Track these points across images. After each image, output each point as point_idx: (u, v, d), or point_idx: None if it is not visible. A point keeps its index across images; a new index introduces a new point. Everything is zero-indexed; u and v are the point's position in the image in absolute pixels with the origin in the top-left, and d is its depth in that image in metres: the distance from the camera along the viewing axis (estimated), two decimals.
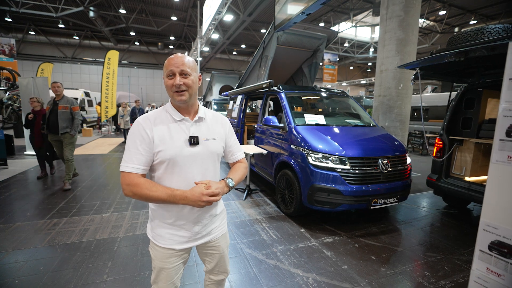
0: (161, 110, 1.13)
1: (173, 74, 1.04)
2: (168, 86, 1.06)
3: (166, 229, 1.14)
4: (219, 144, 1.20)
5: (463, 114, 3.41)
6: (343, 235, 2.91)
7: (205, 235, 1.20)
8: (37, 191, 4.14)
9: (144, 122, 1.06)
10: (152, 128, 1.05)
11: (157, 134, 1.04)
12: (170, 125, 1.08)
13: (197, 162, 1.10)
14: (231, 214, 3.41)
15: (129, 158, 1.03)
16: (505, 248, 1.04)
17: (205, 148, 1.12)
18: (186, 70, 1.05)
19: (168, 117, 1.10)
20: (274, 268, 2.26)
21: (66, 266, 2.21)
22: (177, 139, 1.07)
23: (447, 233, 3.03)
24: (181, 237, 1.15)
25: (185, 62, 1.05)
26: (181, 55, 1.07)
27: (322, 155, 2.93)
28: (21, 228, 2.86)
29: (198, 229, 1.17)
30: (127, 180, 1.01)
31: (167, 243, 1.14)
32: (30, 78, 6.59)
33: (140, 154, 1.03)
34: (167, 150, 1.04)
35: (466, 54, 2.13)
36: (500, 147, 1.02)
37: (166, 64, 1.06)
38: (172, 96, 1.07)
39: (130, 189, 1.00)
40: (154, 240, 1.16)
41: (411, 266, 2.36)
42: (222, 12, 8.43)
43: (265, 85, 4.15)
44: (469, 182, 3.15)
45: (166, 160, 1.05)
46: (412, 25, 5.59)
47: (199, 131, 1.12)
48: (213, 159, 1.17)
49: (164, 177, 1.08)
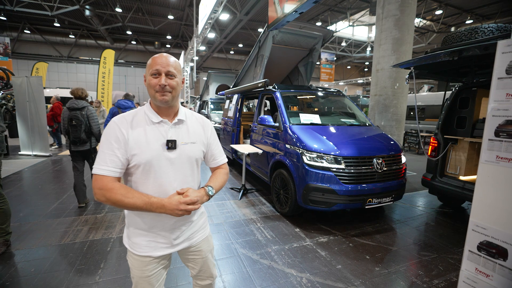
0: (139, 110, 1.08)
1: (159, 73, 1.00)
2: (152, 85, 1.01)
3: (142, 236, 1.09)
4: (199, 149, 1.14)
5: (458, 113, 3.42)
6: (338, 235, 2.91)
7: (184, 240, 1.16)
8: (31, 191, 4.09)
9: (121, 122, 1.01)
10: (128, 129, 1.00)
11: (133, 136, 1.00)
12: (147, 127, 1.03)
13: (174, 167, 1.05)
14: (226, 214, 3.39)
15: (102, 160, 0.97)
16: (494, 249, 1.04)
17: (183, 153, 1.07)
18: (172, 71, 1.02)
19: (145, 119, 1.04)
20: (268, 268, 2.25)
21: (58, 267, 2.19)
22: (154, 143, 1.02)
23: (442, 232, 3.05)
24: (159, 244, 1.10)
25: (171, 63, 1.02)
26: (167, 55, 1.04)
27: (317, 155, 2.92)
28: (13, 229, 2.81)
29: (176, 235, 1.12)
30: (100, 184, 0.94)
31: (144, 250, 1.09)
32: (24, 77, 6.52)
33: (115, 156, 0.97)
34: (142, 154, 0.99)
35: (459, 53, 2.13)
36: (489, 147, 1.02)
37: (151, 63, 1.02)
38: (153, 95, 1.02)
39: (103, 193, 0.94)
40: (131, 248, 1.10)
41: (405, 266, 2.36)
42: (218, 11, 8.39)
43: (260, 84, 4.13)
44: (463, 181, 3.16)
45: (141, 164, 1.00)
46: (408, 25, 5.60)
47: (177, 134, 1.07)
48: (192, 165, 1.12)
49: (139, 181, 1.03)
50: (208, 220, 3.20)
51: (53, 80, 21.03)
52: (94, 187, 0.96)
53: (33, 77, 6.51)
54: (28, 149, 6.74)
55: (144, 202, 0.95)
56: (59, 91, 12.25)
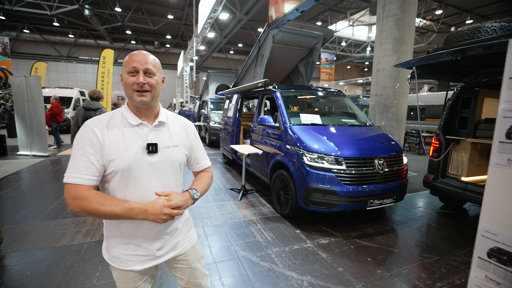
0: (116, 112, 1.00)
1: (136, 71, 0.93)
2: (129, 84, 0.93)
3: (122, 249, 1.00)
4: (182, 152, 1.07)
5: (460, 113, 3.39)
6: (339, 236, 2.87)
7: (169, 251, 1.08)
8: (28, 192, 4.05)
9: (95, 124, 0.93)
10: (104, 132, 0.92)
11: (109, 140, 0.91)
12: (125, 130, 0.95)
13: (156, 172, 0.98)
14: (226, 215, 3.36)
15: (75, 168, 0.87)
16: (505, 256, 1.00)
17: (165, 157, 1.00)
18: (151, 69, 0.95)
19: (123, 121, 0.96)
20: (268, 271, 2.22)
21: (54, 270, 2.15)
22: (133, 146, 0.94)
23: (444, 234, 3.01)
24: (141, 257, 1.01)
25: (150, 60, 0.96)
26: (145, 53, 0.97)
27: (318, 155, 2.89)
28: (10, 231, 2.79)
29: (159, 245, 1.04)
30: (74, 193, 0.85)
31: (125, 264, 1.00)
32: (22, 77, 6.48)
33: (90, 162, 0.88)
34: (120, 159, 0.91)
35: (463, 53, 2.10)
36: (500, 149, 0.98)
37: (128, 60, 0.94)
38: (131, 96, 0.94)
39: (77, 204, 0.84)
40: (110, 262, 1.03)
41: (407, 268, 2.33)
42: (218, 11, 8.35)
43: (260, 84, 4.10)
44: (465, 182, 3.13)
45: (120, 171, 0.92)
46: (409, 24, 5.57)
47: (158, 137, 1.00)
48: (175, 169, 1.05)
49: (118, 189, 0.95)
50: (207, 221, 3.19)
51: (52, 80, 20.98)
52: (67, 197, 0.86)
53: (32, 76, 6.47)
54: (26, 149, 6.70)
55: (124, 208, 0.87)
56: (58, 91, 12.21)
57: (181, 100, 19.72)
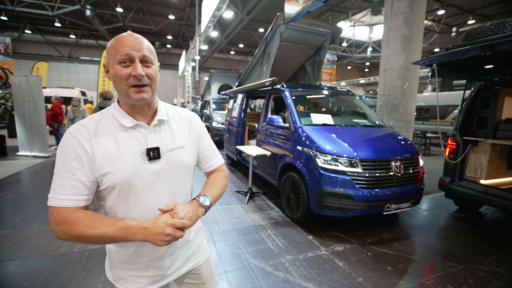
0: (104, 113, 0.81)
1: (131, 59, 0.73)
2: (122, 77, 0.73)
3: (128, 270, 0.85)
4: (189, 154, 0.90)
5: (478, 113, 3.24)
6: (354, 243, 2.72)
7: (180, 266, 0.94)
8: (28, 194, 3.91)
9: (79, 133, 0.74)
10: (92, 141, 0.74)
11: (100, 150, 0.74)
12: (118, 135, 0.77)
13: (161, 181, 0.82)
14: (233, 219, 3.21)
15: (59, 187, 0.71)
16: None
17: (170, 162, 0.83)
18: (148, 56, 0.76)
19: (114, 124, 0.78)
20: (283, 282, 2.07)
21: (53, 281, 2.00)
22: (130, 154, 0.77)
23: (463, 240, 2.86)
24: (150, 278, 0.87)
25: (146, 45, 0.76)
26: (137, 35, 0.76)
27: (332, 157, 2.74)
28: (7, 237, 2.65)
29: (170, 262, 0.89)
30: (57, 218, 0.69)
31: (133, 286, 0.86)
32: (23, 76, 6.35)
33: (76, 179, 0.71)
34: (117, 172, 0.74)
35: (493, 48, 1.95)
36: None
37: (116, 45, 0.73)
38: (126, 93, 0.74)
39: (62, 229, 0.69)
40: (116, 283, 0.89)
41: (431, 278, 2.18)
42: (222, 9, 8.24)
43: (268, 83, 3.96)
44: (485, 185, 2.98)
45: (117, 185, 0.75)
46: (418, 22, 5.43)
47: (160, 139, 0.83)
48: (183, 175, 0.88)
49: (117, 206, 0.78)
50: (215, 227, 3.04)
51: (53, 80, 20.90)
52: (51, 222, 0.70)
53: (32, 76, 6.34)
54: (26, 149, 6.56)
55: (119, 228, 0.70)
56: (60, 91, 12.10)
57: (182, 101, 19.62)
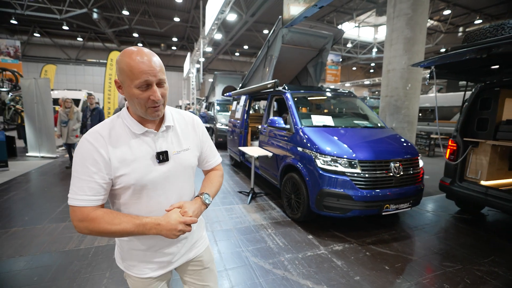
0: (115, 120, 0.88)
1: (149, 84, 0.81)
2: (142, 100, 0.81)
3: (138, 257, 0.96)
4: (194, 155, 1.01)
5: (479, 115, 3.24)
6: (353, 242, 2.76)
7: (186, 252, 1.05)
8: (37, 194, 4.04)
9: (96, 140, 0.82)
10: (108, 147, 0.82)
11: (116, 155, 0.82)
12: (130, 142, 0.86)
13: (169, 181, 0.92)
14: (235, 219, 3.27)
15: (79, 189, 0.81)
16: None
17: (177, 164, 0.93)
18: (163, 78, 0.84)
19: (126, 131, 0.87)
20: (282, 279, 2.12)
21: (61, 276, 2.09)
22: (142, 158, 0.86)
23: (463, 241, 2.87)
24: (159, 263, 0.98)
25: (158, 66, 0.82)
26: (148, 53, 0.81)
27: (331, 158, 2.78)
28: (17, 234, 2.76)
29: (176, 250, 1.01)
30: (80, 216, 0.80)
31: (143, 272, 0.97)
32: (32, 79, 6.54)
33: (94, 182, 0.81)
34: (131, 174, 0.84)
35: (488, 50, 1.98)
36: None
37: (136, 70, 0.78)
38: (144, 112, 0.84)
39: (85, 226, 0.80)
40: (127, 270, 1.00)
41: (428, 277, 2.21)
42: (226, 11, 8.33)
43: (270, 85, 4.02)
44: (486, 186, 2.98)
45: (131, 186, 0.85)
46: (420, 24, 5.43)
47: (167, 143, 0.92)
48: (188, 174, 0.99)
49: (130, 203, 0.88)
50: (217, 226, 3.11)
51: (61, 82, 21.31)
52: (73, 219, 0.81)
53: (41, 79, 6.53)
54: (35, 150, 6.74)
55: (136, 225, 0.81)
56: (67, 93, 12.34)
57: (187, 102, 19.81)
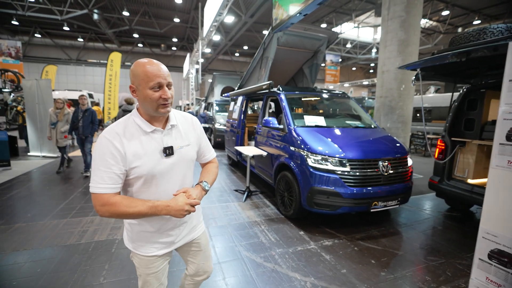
0: (127, 120, 1.04)
1: (160, 86, 0.98)
2: (154, 99, 0.98)
3: (146, 238, 1.12)
4: (193, 150, 1.19)
5: (466, 115, 3.35)
6: (343, 238, 2.87)
7: (186, 235, 1.22)
8: (39, 192, 4.16)
9: (113, 137, 0.97)
10: (123, 143, 0.98)
11: (130, 150, 0.98)
12: (141, 138, 1.02)
13: (174, 172, 1.09)
14: (230, 216, 3.39)
15: (100, 178, 0.95)
16: (506, 257, 1.00)
17: (180, 157, 1.10)
18: (171, 82, 1.02)
19: (137, 129, 1.02)
20: (271, 272, 2.23)
21: (63, 268, 2.21)
22: (151, 152, 1.02)
23: (450, 237, 2.98)
24: (163, 243, 1.15)
25: (167, 72, 1.01)
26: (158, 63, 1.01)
27: (322, 157, 2.90)
28: (21, 229, 2.88)
29: (178, 231, 1.18)
30: (101, 201, 0.95)
31: (150, 251, 1.13)
32: (34, 80, 6.67)
33: (113, 172, 0.96)
34: (143, 166, 1.00)
35: (467, 54, 2.09)
36: (500, 151, 0.99)
37: (149, 74, 0.95)
38: (155, 109, 1.00)
39: (106, 209, 0.94)
40: (135, 250, 1.14)
41: (411, 271, 2.32)
42: (223, 14, 8.44)
43: (265, 86, 4.13)
44: (472, 184, 3.09)
45: (143, 176, 1.01)
46: (414, 26, 5.54)
47: (172, 139, 1.09)
48: (189, 166, 1.17)
49: (141, 190, 1.05)
50: (212, 222, 3.23)
51: (62, 83, 21.46)
52: (95, 205, 0.95)
53: (43, 80, 6.65)
54: (37, 150, 6.87)
55: (149, 207, 0.97)
56: (68, 93, 12.48)
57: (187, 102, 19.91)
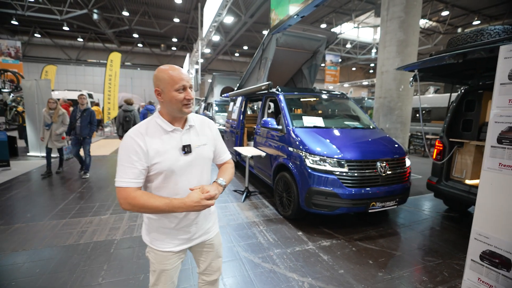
0: (150, 121, 1.13)
1: (184, 88, 1.07)
2: (179, 99, 1.07)
3: (164, 233, 1.17)
4: (210, 149, 1.24)
5: (464, 116, 3.36)
6: (341, 239, 2.88)
7: (202, 234, 1.25)
8: (38, 192, 4.17)
9: (136, 135, 1.06)
10: (146, 141, 1.06)
11: (152, 147, 1.06)
12: (162, 137, 1.10)
13: (192, 169, 1.14)
14: (229, 216, 3.40)
15: (124, 173, 1.03)
16: (497, 259, 1.01)
17: (198, 155, 1.16)
18: (192, 84, 1.11)
19: (158, 129, 1.11)
20: (269, 272, 2.25)
21: (62, 268, 2.22)
22: (171, 150, 1.09)
23: (447, 237, 2.99)
24: (180, 240, 1.19)
25: (189, 76, 1.11)
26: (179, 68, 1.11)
27: (320, 158, 2.91)
28: (20, 230, 2.89)
29: (195, 229, 1.21)
30: (124, 194, 1.02)
31: (167, 246, 1.17)
32: (33, 80, 6.67)
33: (136, 168, 1.04)
34: (163, 162, 1.07)
35: (464, 56, 2.10)
36: (492, 154, 1.00)
37: (174, 78, 1.06)
38: (179, 109, 1.09)
39: (127, 202, 1.02)
40: (152, 244, 1.19)
41: (409, 271, 2.33)
42: (223, 14, 8.45)
43: (264, 87, 4.14)
44: (469, 185, 3.10)
45: (163, 172, 1.08)
46: (413, 26, 5.55)
47: (190, 139, 1.16)
48: (207, 164, 1.23)
49: (161, 186, 1.11)
50: None
51: (61, 83, 21.44)
52: (119, 197, 1.03)
53: (42, 80, 6.65)
54: (36, 150, 6.87)
55: (166, 204, 1.02)
56: (67, 93, 12.48)
57: None
